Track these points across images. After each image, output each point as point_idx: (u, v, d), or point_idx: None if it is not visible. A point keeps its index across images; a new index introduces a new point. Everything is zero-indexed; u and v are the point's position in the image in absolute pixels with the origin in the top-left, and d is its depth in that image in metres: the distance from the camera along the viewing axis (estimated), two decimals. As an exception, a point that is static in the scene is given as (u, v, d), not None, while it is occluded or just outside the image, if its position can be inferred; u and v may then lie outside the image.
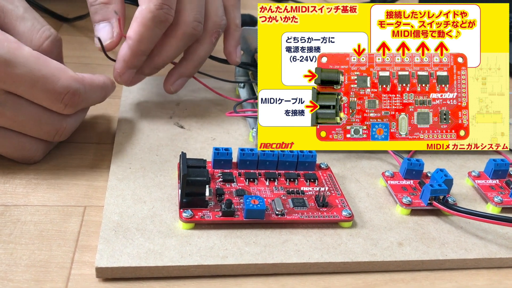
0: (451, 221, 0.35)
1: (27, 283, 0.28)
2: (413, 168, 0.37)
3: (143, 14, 0.37)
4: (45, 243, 0.30)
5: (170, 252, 0.29)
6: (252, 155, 0.36)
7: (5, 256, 0.29)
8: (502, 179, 0.39)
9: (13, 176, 0.35)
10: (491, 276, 0.32)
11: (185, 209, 0.32)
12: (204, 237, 0.31)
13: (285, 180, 0.36)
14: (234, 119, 0.45)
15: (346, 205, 0.34)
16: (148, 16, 0.37)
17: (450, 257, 0.32)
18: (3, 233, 0.30)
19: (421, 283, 0.31)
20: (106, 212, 0.32)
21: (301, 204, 0.33)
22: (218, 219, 0.31)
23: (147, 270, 0.29)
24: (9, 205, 0.33)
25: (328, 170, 0.38)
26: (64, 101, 0.33)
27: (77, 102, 0.34)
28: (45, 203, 0.33)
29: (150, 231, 0.31)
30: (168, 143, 0.40)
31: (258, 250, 0.30)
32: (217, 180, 0.35)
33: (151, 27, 0.38)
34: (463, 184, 0.39)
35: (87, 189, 0.35)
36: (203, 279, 0.29)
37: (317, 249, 0.31)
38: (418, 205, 0.35)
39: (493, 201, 0.36)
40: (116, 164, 0.37)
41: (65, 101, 0.33)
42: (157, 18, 0.37)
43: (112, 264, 0.28)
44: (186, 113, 0.45)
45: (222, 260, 0.29)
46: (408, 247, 0.32)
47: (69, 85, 0.33)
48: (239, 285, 0.29)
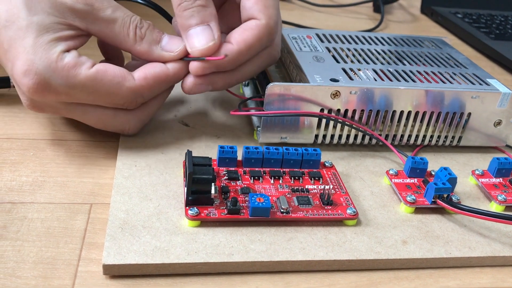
0: (455, 219, 0.35)
1: (35, 280, 0.28)
2: (417, 166, 0.37)
3: (261, 28, 0.37)
4: (52, 240, 0.30)
5: (176, 249, 0.30)
6: (257, 153, 0.36)
7: (13, 253, 0.29)
8: (505, 177, 0.39)
9: (19, 174, 0.35)
10: (494, 274, 0.32)
11: (191, 206, 0.32)
12: (210, 234, 0.31)
13: (289, 178, 0.36)
14: (238, 117, 0.45)
15: (350, 203, 0.34)
16: (265, 32, 0.37)
17: (454, 255, 0.32)
18: (10, 230, 0.31)
19: (425, 281, 0.31)
20: (113, 209, 0.32)
21: (306, 202, 0.34)
22: (223, 216, 0.32)
23: (154, 267, 0.29)
24: (16, 203, 0.33)
25: (332, 168, 0.38)
26: (124, 106, 0.36)
27: (136, 105, 0.37)
28: (51, 201, 0.33)
29: (156, 228, 0.31)
30: (173, 141, 0.40)
31: (263, 247, 0.31)
32: (222, 178, 0.35)
33: (264, 42, 0.38)
34: (467, 182, 0.40)
35: (93, 186, 0.35)
36: (209, 276, 0.29)
37: (322, 247, 0.31)
38: (422, 203, 0.35)
39: (496, 200, 0.37)
40: (122, 162, 0.37)
41: (126, 106, 0.36)
42: (270, 36, 0.38)
43: (119, 261, 0.28)
44: (191, 111, 0.45)
45: (228, 257, 0.30)
46: (412, 245, 0.32)
47: (126, 97, 0.35)
48: (245, 282, 0.29)
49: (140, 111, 0.38)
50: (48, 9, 0.34)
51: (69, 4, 0.34)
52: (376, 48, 0.47)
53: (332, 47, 0.46)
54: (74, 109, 0.36)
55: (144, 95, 0.36)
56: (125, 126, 0.38)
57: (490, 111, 0.42)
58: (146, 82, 0.36)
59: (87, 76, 0.34)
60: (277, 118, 0.39)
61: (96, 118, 0.37)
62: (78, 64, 0.33)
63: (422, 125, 0.42)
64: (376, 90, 0.39)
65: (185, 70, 0.37)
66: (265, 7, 0.37)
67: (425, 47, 0.49)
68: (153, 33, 0.37)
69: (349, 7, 0.86)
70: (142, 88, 0.36)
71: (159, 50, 0.37)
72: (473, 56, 0.71)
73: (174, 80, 0.38)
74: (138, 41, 0.36)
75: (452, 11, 0.85)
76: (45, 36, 0.33)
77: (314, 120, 0.40)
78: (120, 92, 0.35)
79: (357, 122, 0.41)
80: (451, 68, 0.45)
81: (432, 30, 0.81)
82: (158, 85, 0.37)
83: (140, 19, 0.37)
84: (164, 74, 0.37)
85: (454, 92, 0.40)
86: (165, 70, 0.37)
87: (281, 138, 0.40)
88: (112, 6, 0.35)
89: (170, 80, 0.37)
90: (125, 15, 0.36)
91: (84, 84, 0.34)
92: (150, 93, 0.37)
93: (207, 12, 0.37)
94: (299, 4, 0.85)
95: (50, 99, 0.34)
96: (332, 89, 0.39)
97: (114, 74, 0.35)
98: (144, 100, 0.37)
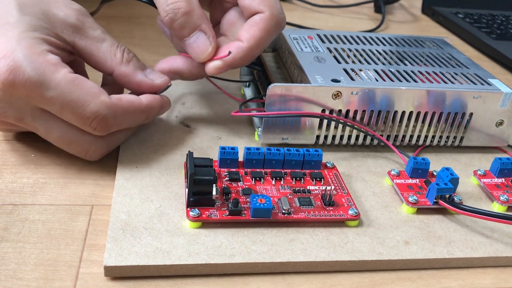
0: (457, 220, 0.35)
1: (36, 281, 0.28)
2: (419, 167, 0.37)
3: (266, 20, 0.37)
4: (53, 242, 0.30)
5: (177, 250, 0.30)
6: (258, 154, 0.36)
7: (14, 255, 0.29)
8: (508, 177, 0.39)
9: (21, 175, 0.35)
10: (497, 274, 0.32)
11: (192, 208, 0.32)
12: (211, 236, 0.31)
13: (291, 179, 0.36)
14: (240, 118, 0.45)
15: (352, 204, 0.34)
16: (271, 23, 0.37)
17: (456, 255, 0.32)
18: (11, 232, 0.31)
19: (428, 281, 0.31)
20: (114, 211, 0.32)
21: (307, 203, 0.33)
22: (225, 218, 0.32)
23: (155, 269, 0.29)
24: (17, 204, 0.33)
25: (334, 169, 0.38)
26: (92, 125, 0.34)
27: (106, 126, 0.34)
28: (52, 202, 0.33)
29: (157, 230, 0.31)
30: (175, 142, 0.40)
31: (265, 248, 0.31)
32: (223, 179, 0.35)
33: (273, 33, 0.38)
34: (469, 182, 0.39)
35: (94, 188, 0.35)
36: (210, 277, 0.29)
37: (324, 248, 0.31)
38: (424, 204, 0.35)
39: (499, 200, 0.36)
40: (123, 163, 0.37)
41: (93, 125, 0.34)
42: (278, 24, 0.38)
43: (120, 263, 0.28)
44: (192, 112, 0.45)
45: (229, 258, 0.30)
46: (415, 246, 0.32)
47: (97, 110, 0.33)
48: (246, 283, 0.29)
49: (106, 137, 0.36)
50: (39, 15, 0.34)
51: (61, 17, 0.35)
52: (377, 49, 0.47)
53: (333, 48, 0.46)
54: (38, 117, 0.34)
55: (116, 115, 0.34)
56: (89, 149, 0.36)
57: (492, 111, 0.42)
58: (120, 103, 0.34)
59: (65, 77, 0.32)
60: (278, 118, 0.39)
61: (60, 134, 0.35)
62: (60, 65, 0.33)
63: (424, 126, 0.42)
64: (377, 90, 0.39)
65: (158, 105, 0.38)
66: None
67: (426, 47, 0.49)
68: (139, 61, 0.38)
69: (350, 8, 0.85)
70: (114, 107, 0.34)
71: (142, 75, 0.37)
72: (475, 56, 0.71)
73: (146, 111, 0.37)
74: (124, 63, 0.37)
75: (453, 11, 0.84)
76: (32, 33, 0.33)
77: (315, 120, 0.40)
78: (93, 102, 0.33)
79: (358, 122, 0.41)
80: (453, 68, 0.45)
81: (433, 30, 0.81)
82: (130, 111, 0.35)
83: (127, 48, 0.38)
84: (138, 103, 0.36)
85: (455, 92, 0.40)
86: (139, 100, 0.36)
87: (283, 139, 0.40)
88: (102, 29, 0.37)
89: (142, 110, 0.36)
90: (114, 39, 0.37)
91: (59, 84, 0.32)
92: (121, 118, 0.35)
93: (194, 17, 0.37)
94: (300, 4, 0.85)
95: (19, 92, 0.32)
96: (334, 89, 0.39)
97: (92, 85, 0.33)
98: (114, 125, 0.35)
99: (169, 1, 0.36)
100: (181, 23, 0.36)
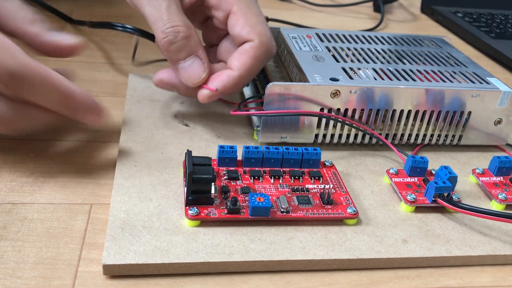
0: (455, 218, 0.35)
1: (35, 280, 0.28)
2: (418, 165, 0.37)
3: (255, 48, 0.37)
4: (52, 241, 0.30)
5: (176, 249, 0.30)
6: (257, 153, 0.36)
7: (13, 253, 0.29)
8: (506, 176, 0.39)
9: (20, 174, 0.35)
10: (495, 273, 0.32)
11: (190, 206, 0.32)
12: (210, 234, 0.31)
13: (289, 178, 0.36)
14: (238, 117, 0.45)
15: (350, 202, 0.34)
16: (260, 51, 0.38)
17: (454, 254, 0.32)
18: (10, 230, 0.31)
19: (426, 279, 0.31)
20: (113, 209, 0.32)
21: (306, 202, 0.34)
22: (223, 216, 0.32)
23: (154, 267, 0.29)
24: (16, 203, 0.33)
25: (332, 167, 0.38)
26: (2, 81, 0.30)
27: (18, 86, 0.31)
28: (51, 201, 0.33)
29: (156, 228, 0.31)
30: (173, 141, 0.40)
31: (263, 247, 0.31)
32: (222, 178, 0.35)
33: (263, 60, 0.38)
34: (467, 181, 0.40)
35: (93, 187, 0.35)
36: (209, 276, 0.29)
37: (322, 246, 0.31)
38: (422, 202, 0.35)
39: (497, 198, 0.37)
40: (122, 162, 0.37)
41: (4, 80, 0.30)
42: (268, 52, 0.38)
43: (119, 261, 0.28)
44: (191, 111, 0.45)
45: (228, 257, 0.30)
46: (413, 244, 0.32)
47: (12, 67, 0.30)
48: (245, 281, 0.29)
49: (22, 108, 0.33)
50: None
51: None
52: (376, 48, 0.47)
53: (332, 47, 0.46)
54: None
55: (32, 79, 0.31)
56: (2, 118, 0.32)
57: (491, 109, 0.42)
58: (39, 68, 0.31)
59: None
60: (277, 117, 0.39)
61: None
62: None
63: (422, 124, 0.42)
64: (376, 89, 0.39)
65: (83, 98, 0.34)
66: (252, 27, 0.38)
67: (425, 46, 0.49)
68: (47, 24, 0.36)
69: (349, 7, 0.85)
70: (32, 69, 0.31)
71: (51, 35, 0.36)
72: (473, 55, 0.71)
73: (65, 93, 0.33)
74: (33, 22, 0.36)
75: (452, 10, 0.84)
76: None
77: (314, 119, 0.40)
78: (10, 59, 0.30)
79: (357, 121, 0.41)
80: (451, 67, 0.45)
81: (432, 29, 0.81)
82: (48, 82, 0.32)
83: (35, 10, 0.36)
84: (58, 78, 0.32)
85: (454, 91, 0.40)
86: (62, 78, 0.33)
87: (281, 138, 0.40)
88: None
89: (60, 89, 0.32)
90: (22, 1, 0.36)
91: None
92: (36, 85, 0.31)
93: (192, 42, 0.37)
94: (299, 4, 0.85)
95: None
96: (332, 88, 0.39)
97: (10, 43, 0.31)
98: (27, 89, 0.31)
99: (168, 24, 0.36)
100: (179, 46, 0.37)
